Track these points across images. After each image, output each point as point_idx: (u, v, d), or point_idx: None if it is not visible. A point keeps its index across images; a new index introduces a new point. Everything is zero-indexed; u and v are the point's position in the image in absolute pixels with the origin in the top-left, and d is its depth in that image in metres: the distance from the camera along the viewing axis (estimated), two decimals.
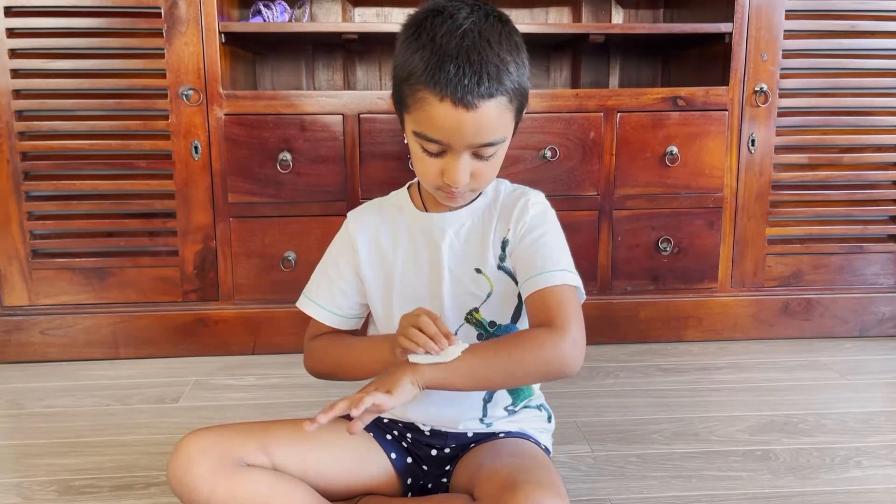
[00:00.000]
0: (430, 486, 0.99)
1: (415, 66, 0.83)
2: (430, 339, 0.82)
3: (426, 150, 0.87)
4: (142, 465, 1.18)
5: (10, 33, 1.52)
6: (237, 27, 1.59)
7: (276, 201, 1.62)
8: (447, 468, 0.98)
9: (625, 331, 1.74)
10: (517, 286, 0.94)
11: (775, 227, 1.74)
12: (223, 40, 1.57)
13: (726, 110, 1.66)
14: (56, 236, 1.63)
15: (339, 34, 1.62)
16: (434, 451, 0.99)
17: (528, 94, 0.90)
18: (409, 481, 0.98)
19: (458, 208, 0.97)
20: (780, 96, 1.67)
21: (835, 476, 1.14)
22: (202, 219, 1.62)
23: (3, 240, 1.60)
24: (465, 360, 0.81)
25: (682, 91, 1.65)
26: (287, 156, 1.59)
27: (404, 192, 1.02)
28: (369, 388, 0.79)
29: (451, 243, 0.96)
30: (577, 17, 1.98)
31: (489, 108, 0.82)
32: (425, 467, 0.99)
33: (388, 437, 1.00)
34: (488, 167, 0.88)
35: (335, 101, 1.59)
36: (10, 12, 1.51)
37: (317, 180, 1.62)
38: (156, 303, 1.66)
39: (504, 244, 0.95)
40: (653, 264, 1.72)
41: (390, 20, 1.93)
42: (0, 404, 1.44)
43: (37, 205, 1.61)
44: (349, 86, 1.96)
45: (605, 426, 1.32)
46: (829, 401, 1.43)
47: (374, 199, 1.05)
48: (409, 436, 1.00)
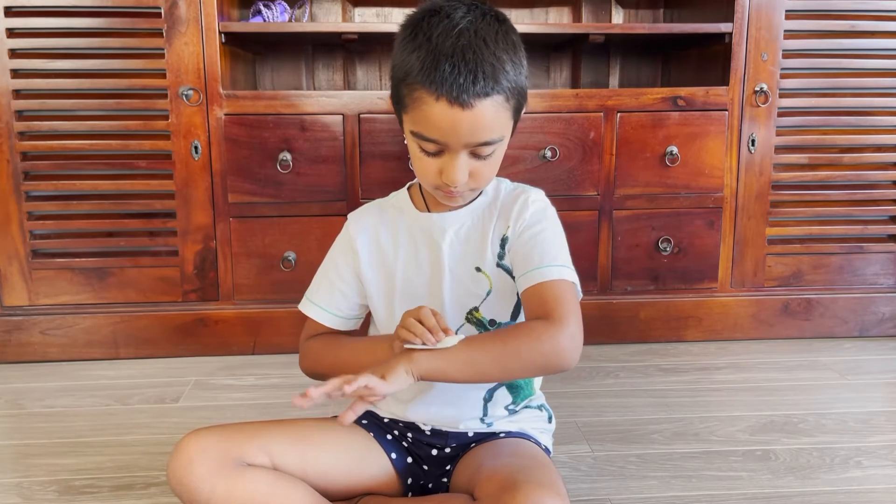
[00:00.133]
0: (430, 485, 0.99)
1: (411, 66, 0.83)
2: (428, 331, 0.82)
3: (424, 150, 0.87)
4: (142, 465, 1.18)
5: (10, 33, 1.52)
6: (237, 27, 1.59)
7: (276, 201, 1.62)
8: (447, 468, 0.98)
9: (625, 331, 1.74)
10: (515, 282, 0.94)
11: (775, 227, 1.74)
12: (223, 40, 1.57)
13: (726, 110, 1.66)
14: (56, 236, 1.63)
15: (339, 34, 1.62)
16: (434, 451, 0.99)
17: (527, 93, 0.90)
18: (410, 481, 0.98)
19: (458, 208, 0.97)
20: (780, 96, 1.68)
21: (835, 476, 1.14)
22: (202, 219, 1.62)
23: (3, 240, 1.60)
24: (461, 350, 0.81)
25: (682, 91, 1.65)
26: (287, 156, 1.59)
27: (404, 192, 1.02)
28: (364, 373, 0.79)
29: (451, 243, 0.96)
30: (577, 17, 1.98)
31: (485, 107, 0.82)
32: (425, 467, 0.99)
33: (389, 436, 1.00)
34: (486, 166, 0.88)
35: (335, 101, 1.59)
36: (10, 12, 1.51)
37: (317, 180, 1.62)
38: (156, 303, 1.66)
39: (503, 241, 0.95)
40: (653, 264, 1.72)
41: (390, 20, 1.93)
42: (0, 404, 1.44)
43: (37, 205, 1.61)
44: (349, 86, 1.96)
45: (605, 426, 1.32)
46: (829, 401, 1.43)
47: (374, 201, 1.05)
48: (409, 435, 1.00)
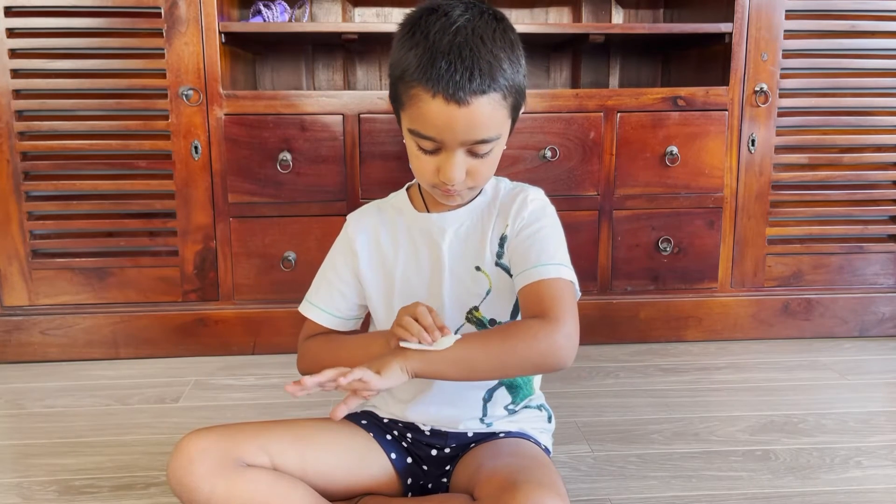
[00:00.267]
0: (430, 486, 0.99)
1: (408, 64, 0.83)
2: (424, 330, 0.82)
3: (421, 148, 0.87)
4: (142, 465, 1.18)
5: (10, 33, 1.52)
6: (237, 27, 1.59)
7: (276, 201, 1.62)
8: (447, 468, 0.98)
9: (625, 331, 1.74)
10: (512, 280, 0.94)
11: (775, 227, 1.74)
12: (223, 40, 1.57)
13: (726, 110, 1.66)
14: (56, 236, 1.63)
15: (339, 34, 1.62)
16: (434, 451, 0.99)
17: (525, 92, 0.90)
18: (410, 481, 0.98)
19: (457, 207, 0.97)
20: (780, 96, 1.67)
21: (835, 476, 1.14)
22: (202, 219, 1.62)
23: (3, 240, 1.60)
24: (456, 349, 0.81)
25: (682, 91, 1.65)
26: (287, 156, 1.59)
27: (403, 193, 1.02)
28: (360, 367, 0.79)
29: (451, 243, 0.96)
30: (577, 17, 1.98)
31: (482, 105, 0.82)
32: (425, 467, 0.99)
33: (388, 437, 1.00)
34: (484, 165, 0.88)
35: (335, 101, 1.59)
36: (10, 12, 1.51)
37: (317, 180, 1.62)
38: (156, 303, 1.66)
39: (502, 240, 0.95)
40: (653, 264, 1.72)
41: (390, 20, 1.93)
42: (0, 404, 1.44)
43: (37, 205, 1.61)
44: (349, 86, 1.96)
45: (605, 426, 1.32)
46: (829, 401, 1.43)
47: (373, 202, 1.05)
48: (409, 436, 1.00)
